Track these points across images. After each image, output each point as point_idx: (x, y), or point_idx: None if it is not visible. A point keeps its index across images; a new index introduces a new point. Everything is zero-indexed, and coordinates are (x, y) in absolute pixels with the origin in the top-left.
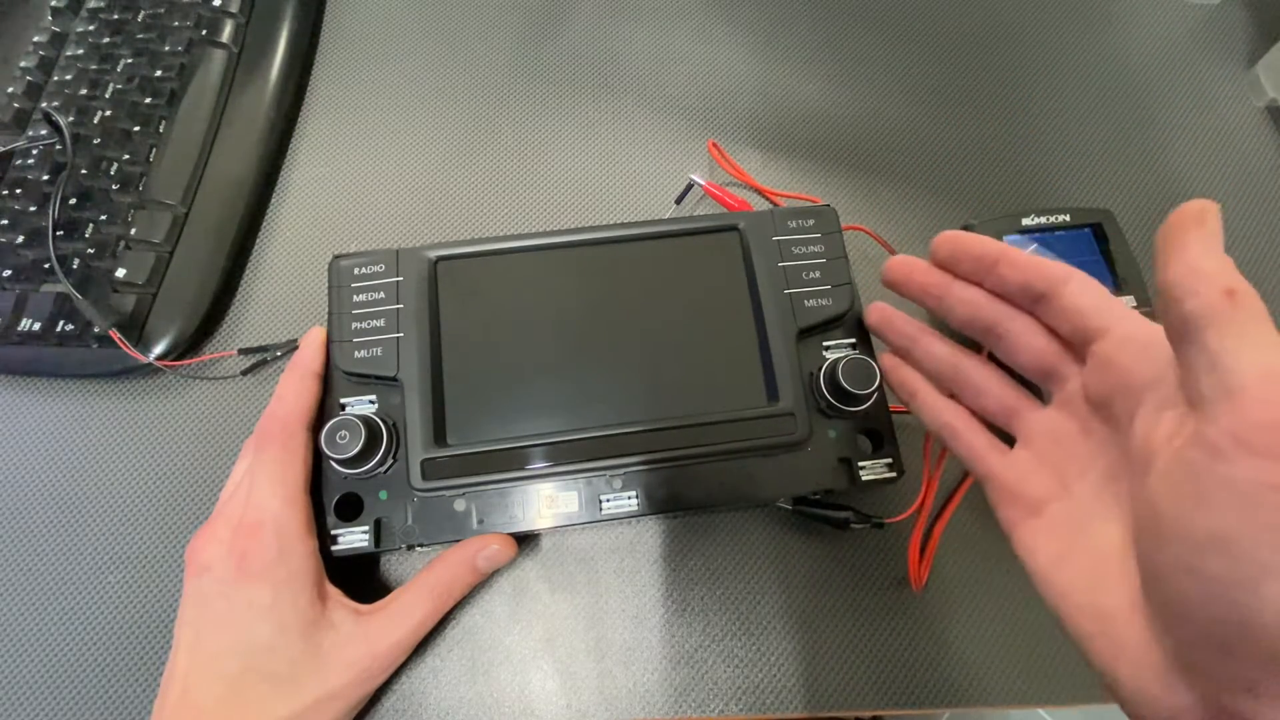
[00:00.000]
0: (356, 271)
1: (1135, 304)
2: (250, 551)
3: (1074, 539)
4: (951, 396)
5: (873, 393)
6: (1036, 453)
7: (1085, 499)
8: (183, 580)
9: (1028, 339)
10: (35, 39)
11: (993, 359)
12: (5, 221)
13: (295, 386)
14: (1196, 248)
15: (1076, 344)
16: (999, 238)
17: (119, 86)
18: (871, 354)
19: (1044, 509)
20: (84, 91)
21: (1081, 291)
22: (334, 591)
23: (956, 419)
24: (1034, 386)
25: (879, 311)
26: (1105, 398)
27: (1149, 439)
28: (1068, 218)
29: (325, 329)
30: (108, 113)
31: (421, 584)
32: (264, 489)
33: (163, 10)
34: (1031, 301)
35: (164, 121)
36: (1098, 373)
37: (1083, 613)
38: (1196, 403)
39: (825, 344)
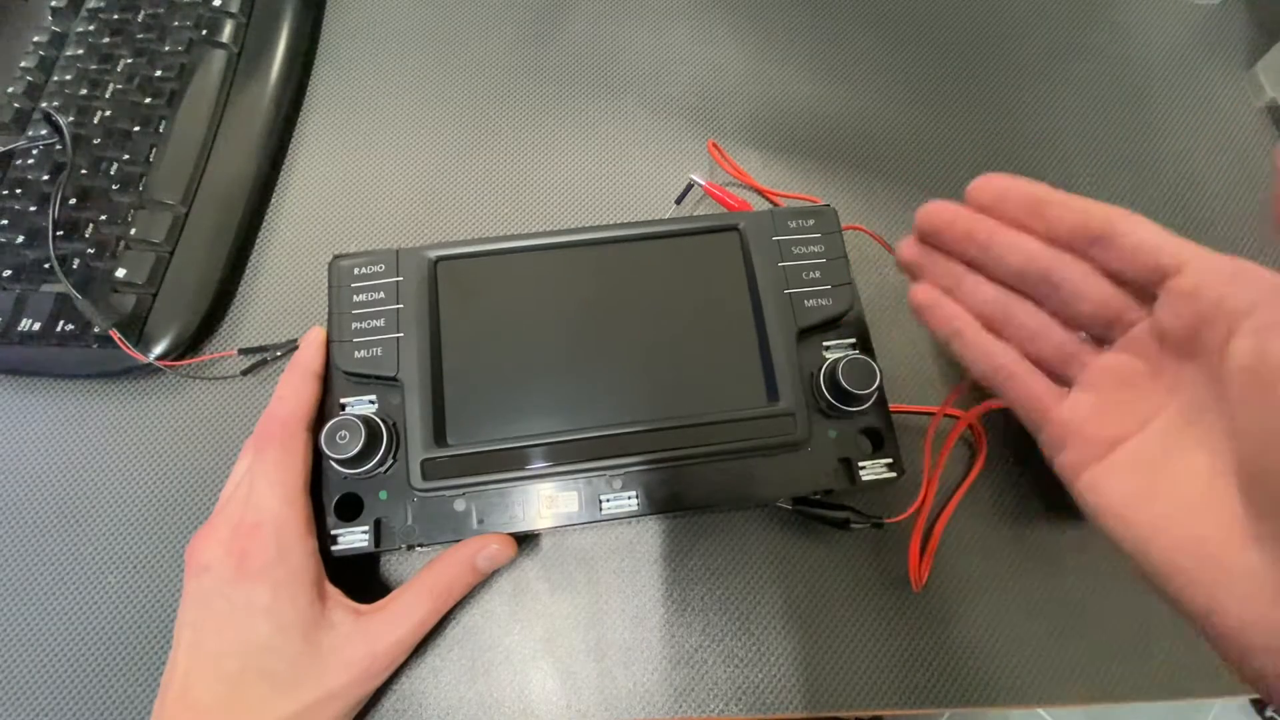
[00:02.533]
0: (356, 271)
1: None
2: (250, 551)
3: (1156, 474)
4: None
5: (873, 393)
6: (1102, 395)
7: (1162, 435)
8: (182, 580)
9: (1089, 285)
10: (35, 39)
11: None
12: (5, 221)
13: (295, 386)
14: None
15: (1142, 284)
16: None
17: (119, 86)
18: (872, 354)
19: (1115, 449)
20: (84, 91)
21: (1141, 228)
22: (334, 591)
23: (1012, 360)
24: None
25: (914, 247)
26: (1189, 331)
27: (1263, 356)
28: None
29: (325, 329)
30: (108, 113)
31: (421, 584)
32: (263, 489)
33: (163, 10)
34: (1087, 244)
35: (164, 121)
36: (1179, 306)
37: (1177, 546)
38: None
39: (825, 344)
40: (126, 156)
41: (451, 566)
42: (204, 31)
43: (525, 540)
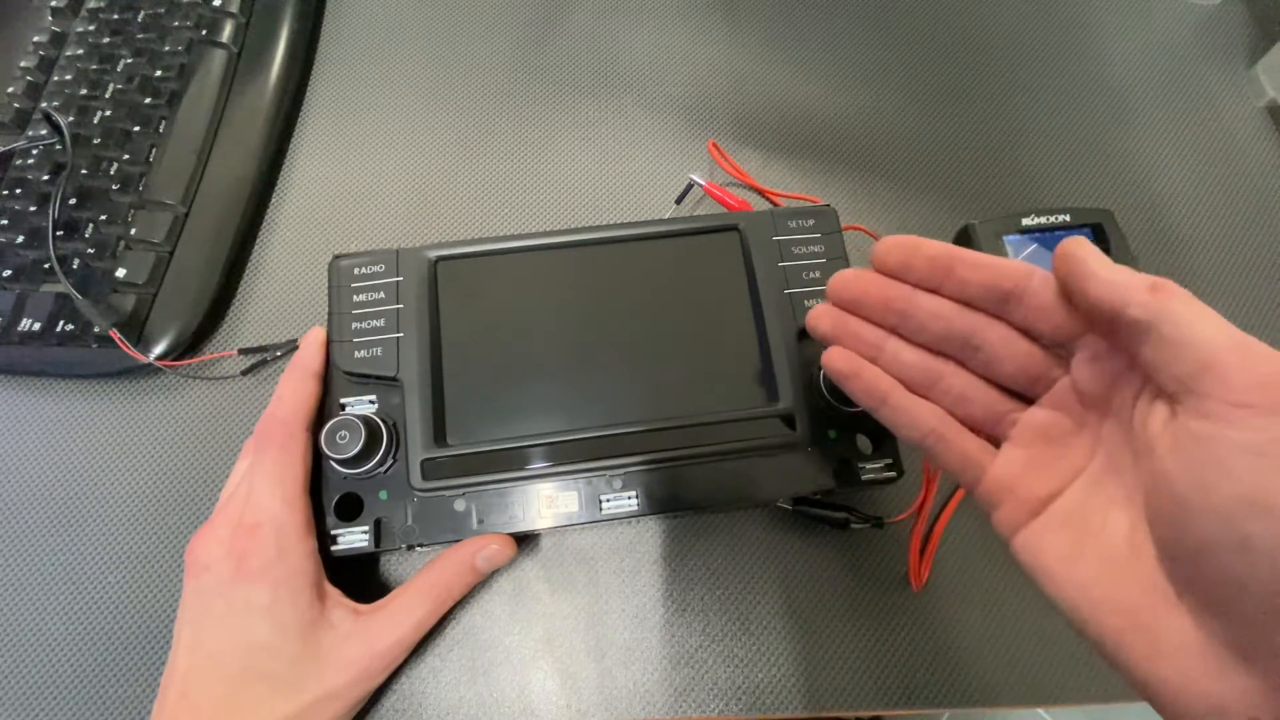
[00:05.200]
0: (356, 271)
1: None
2: (249, 551)
3: (1083, 533)
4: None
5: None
6: (1030, 452)
7: (1087, 492)
8: (182, 580)
9: (1008, 347)
10: (35, 39)
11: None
12: (5, 221)
13: (295, 386)
14: (1099, 266)
15: (1059, 340)
16: (999, 238)
17: (119, 86)
18: None
19: (1045, 507)
20: (84, 91)
21: (1049, 287)
22: (333, 591)
23: (940, 423)
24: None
25: (830, 316)
26: (1102, 388)
27: (1150, 423)
28: (1068, 218)
29: (325, 329)
30: (108, 113)
31: (421, 583)
32: (263, 489)
33: (163, 10)
34: (999, 303)
35: (164, 121)
36: (1092, 364)
37: (1107, 608)
38: (1182, 387)
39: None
40: (126, 156)
41: (451, 566)
42: (204, 31)
43: (525, 540)
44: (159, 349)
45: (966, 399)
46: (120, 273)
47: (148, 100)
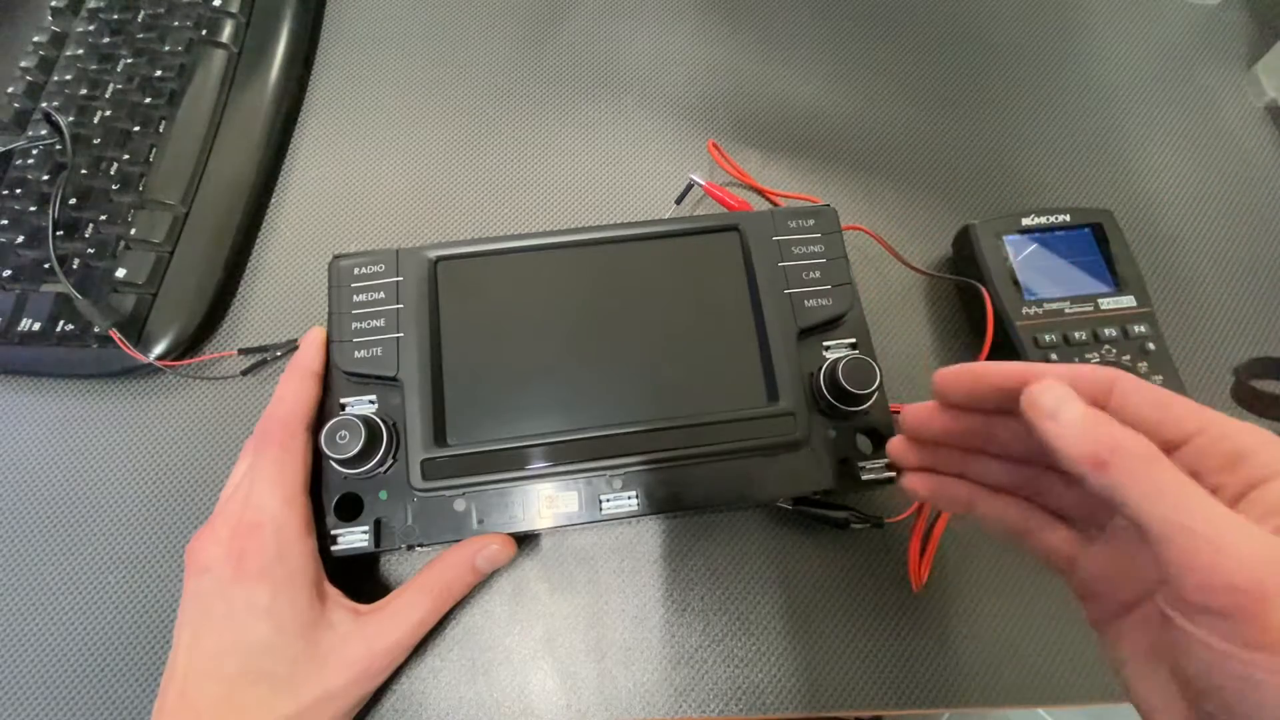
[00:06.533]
0: (356, 271)
1: (1135, 304)
2: (248, 551)
3: (1159, 643)
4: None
5: (873, 393)
6: (1118, 550)
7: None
8: (182, 580)
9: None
10: (35, 39)
11: None
12: (5, 221)
13: (295, 387)
14: (1057, 430)
15: None
16: (999, 238)
17: (119, 86)
18: (872, 354)
19: (1131, 610)
20: (84, 91)
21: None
22: (333, 591)
23: (1029, 519)
24: None
25: (906, 447)
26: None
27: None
28: (1068, 218)
29: (325, 329)
30: (108, 113)
31: (421, 584)
32: (263, 489)
33: (163, 10)
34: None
35: (164, 121)
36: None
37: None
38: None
39: (825, 344)
40: (126, 156)
41: (451, 567)
42: (204, 31)
43: (525, 540)
44: (159, 349)
45: (1058, 494)
46: (120, 273)
47: (148, 100)
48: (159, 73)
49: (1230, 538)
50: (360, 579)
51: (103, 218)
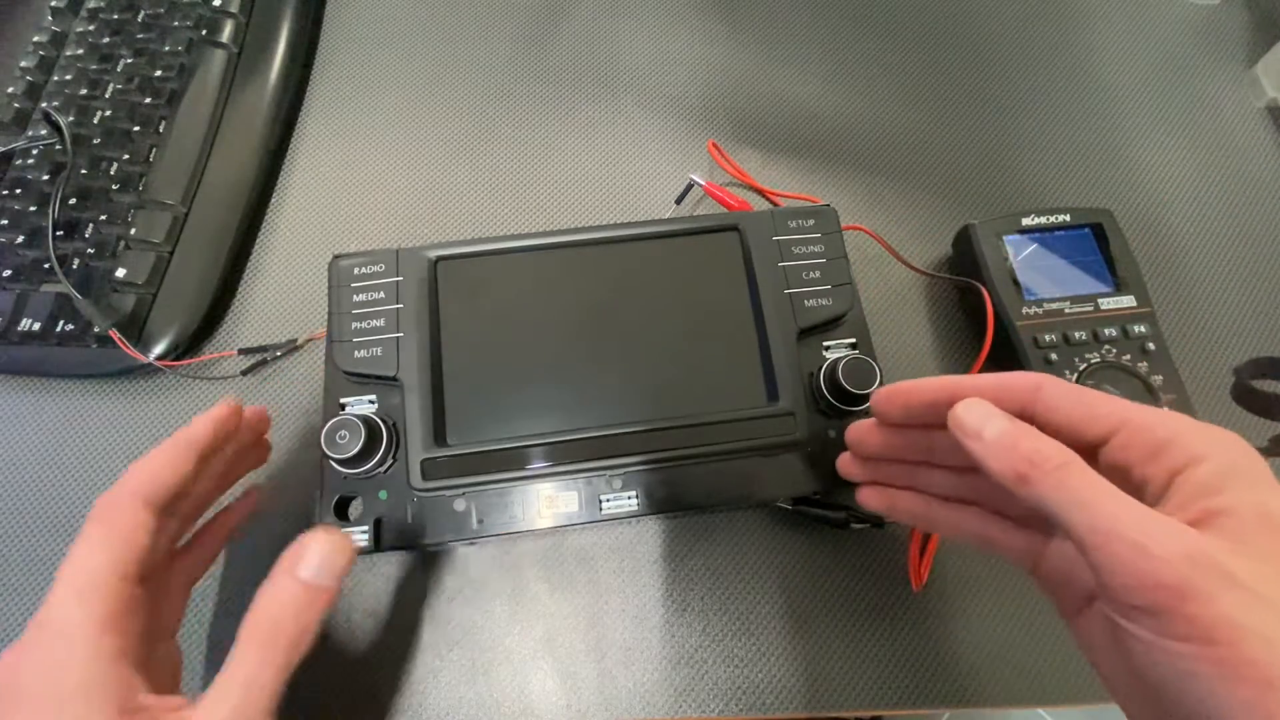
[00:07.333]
0: (356, 271)
1: (1135, 304)
2: (21, 666)
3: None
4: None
5: (873, 393)
6: (1071, 547)
7: None
8: None
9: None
10: (35, 39)
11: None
12: (5, 221)
13: (158, 457)
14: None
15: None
16: (999, 238)
17: (119, 86)
18: (872, 354)
19: (1095, 600)
20: (84, 91)
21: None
22: (153, 700)
23: (986, 526)
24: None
25: (857, 467)
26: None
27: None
28: (1068, 218)
29: (232, 401)
30: (108, 113)
31: (242, 634)
32: (62, 579)
33: (163, 10)
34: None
35: (164, 121)
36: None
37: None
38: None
39: (825, 344)
40: (126, 156)
41: (271, 601)
42: (204, 31)
43: (525, 540)
44: (159, 349)
45: (1008, 502)
46: (120, 273)
47: (148, 100)
48: (159, 73)
49: (1150, 538)
50: (360, 579)
51: (103, 218)
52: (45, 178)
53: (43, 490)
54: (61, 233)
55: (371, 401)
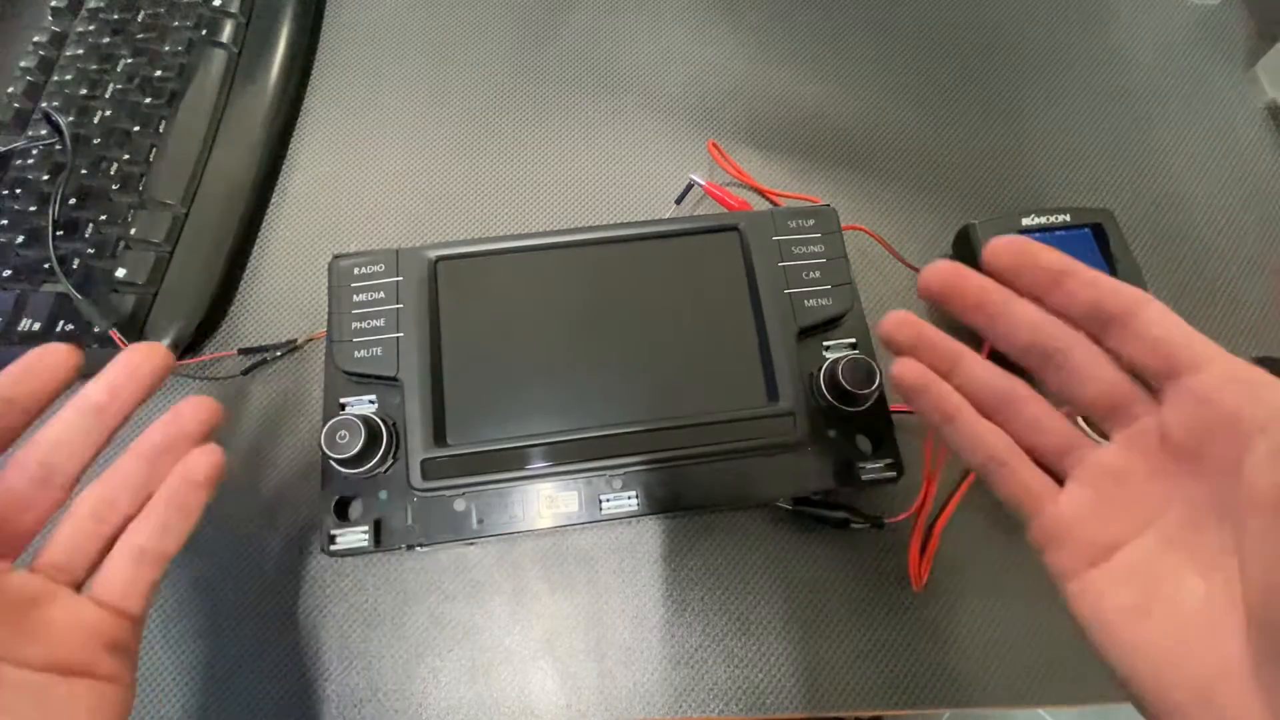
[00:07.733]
0: (356, 271)
1: None
2: None
3: (1151, 592)
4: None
5: (873, 393)
6: (1098, 493)
7: (1159, 548)
8: (181, 581)
9: (1096, 369)
10: (35, 39)
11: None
12: (5, 221)
13: None
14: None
15: (1152, 376)
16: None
17: (119, 86)
18: (872, 354)
19: (1108, 556)
20: (84, 91)
21: (1165, 318)
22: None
23: (1004, 449)
24: None
25: (908, 326)
26: (1197, 439)
27: (1272, 486)
28: (1068, 218)
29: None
30: (108, 113)
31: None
32: None
33: (163, 10)
34: (1100, 326)
35: (164, 121)
36: (1189, 410)
37: (1172, 677)
38: None
39: (825, 344)
40: (126, 156)
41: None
42: (204, 31)
43: (525, 540)
44: None
45: (1037, 426)
46: (120, 273)
47: (148, 100)
48: (159, 73)
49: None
50: (360, 579)
51: (103, 218)
52: (45, 178)
53: None
54: (61, 233)
55: (371, 401)
